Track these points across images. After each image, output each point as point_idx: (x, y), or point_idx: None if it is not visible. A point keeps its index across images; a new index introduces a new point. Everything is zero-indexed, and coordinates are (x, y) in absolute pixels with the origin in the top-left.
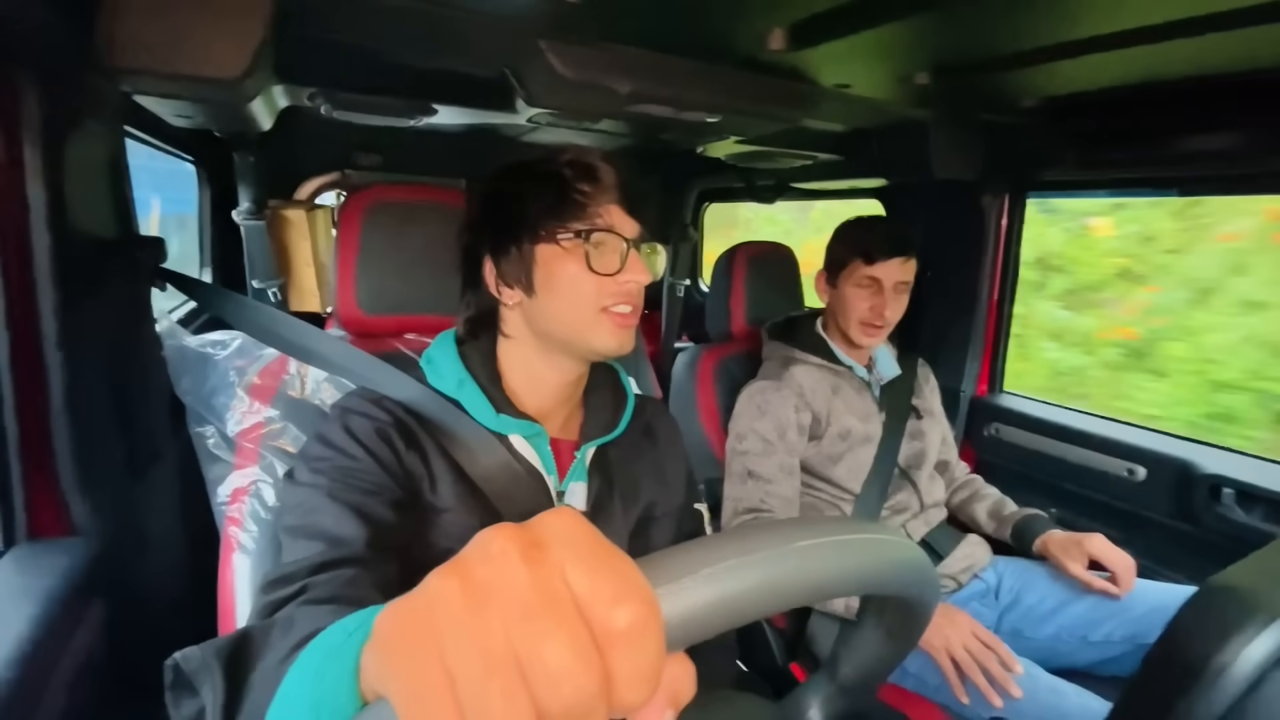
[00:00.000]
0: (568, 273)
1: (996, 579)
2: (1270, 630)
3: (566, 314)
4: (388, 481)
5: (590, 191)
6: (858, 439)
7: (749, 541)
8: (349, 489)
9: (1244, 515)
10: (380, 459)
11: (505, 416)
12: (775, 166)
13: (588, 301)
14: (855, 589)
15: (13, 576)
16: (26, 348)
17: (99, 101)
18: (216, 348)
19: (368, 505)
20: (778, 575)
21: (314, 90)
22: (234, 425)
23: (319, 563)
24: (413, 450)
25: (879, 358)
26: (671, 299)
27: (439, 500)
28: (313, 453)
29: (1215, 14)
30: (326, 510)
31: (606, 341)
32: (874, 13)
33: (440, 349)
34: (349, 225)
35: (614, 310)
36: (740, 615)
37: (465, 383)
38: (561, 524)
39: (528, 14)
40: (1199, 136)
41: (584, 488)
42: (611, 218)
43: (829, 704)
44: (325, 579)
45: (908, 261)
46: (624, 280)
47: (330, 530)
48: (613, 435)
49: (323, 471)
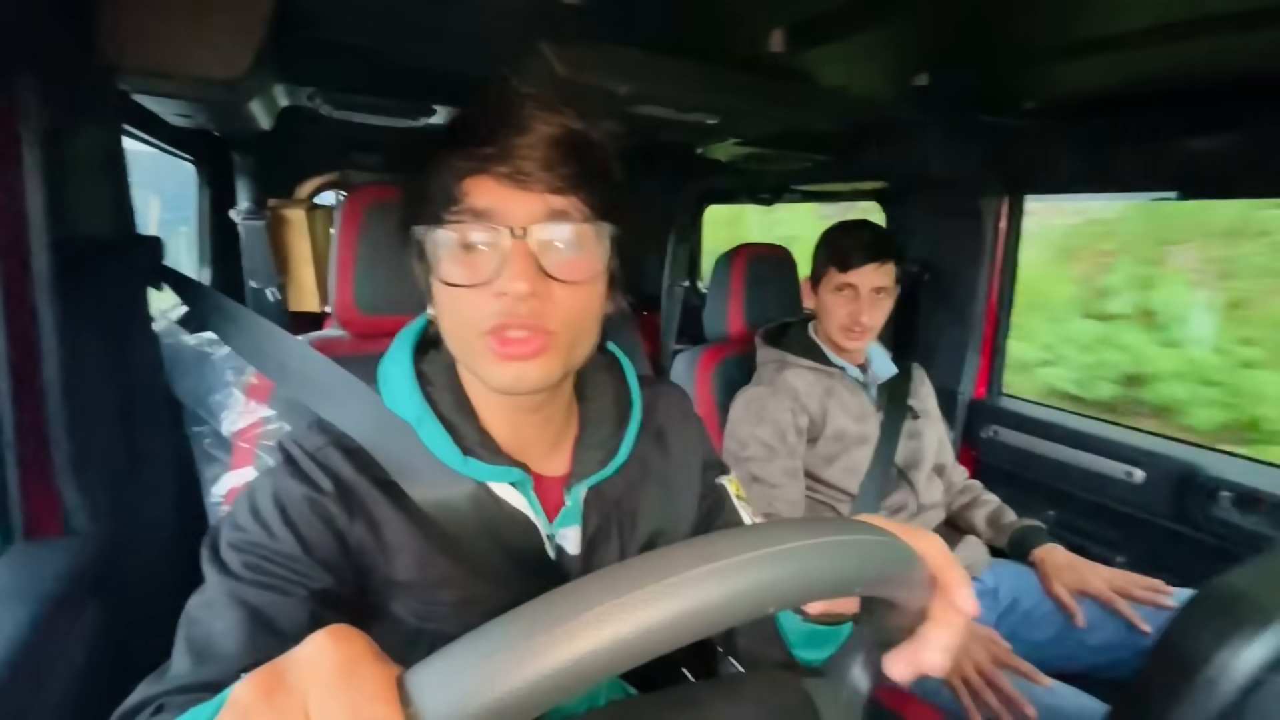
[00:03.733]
0: (436, 283)
1: (995, 581)
2: (1267, 634)
3: (452, 336)
4: (314, 571)
5: (459, 164)
6: (853, 440)
7: (518, 627)
8: (258, 584)
9: (1242, 519)
10: (308, 542)
11: (474, 461)
12: (775, 168)
13: (464, 321)
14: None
15: (8, 576)
16: (24, 347)
17: (98, 100)
18: (214, 347)
19: (274, 607)
20: (561, 657)
21: (314, 90)
22: (230, 425)
23: (181, 685)
24: (359, 521)
25: (874, 357)
26: (670, 300)
27: (397, 574)
28: (239, 519)
29: (1212, 17)
30: (221, 612)
31: (494, 375)
32: (873, 14)
33: (395, 363)
34: (348, 225)
35: (499, 334)
36: (522, 711)
37: (424, 419)
38: (311, 656)
39: (527, 15)
40: (1198, 138)
41: (578, 531)
42: (486, 197)
43: (873, 663)
44: (182, 702)
45: (883, 266)
46: (495, 292)
47: (209, 641)
48: (609, 471)
49: (238, 549)
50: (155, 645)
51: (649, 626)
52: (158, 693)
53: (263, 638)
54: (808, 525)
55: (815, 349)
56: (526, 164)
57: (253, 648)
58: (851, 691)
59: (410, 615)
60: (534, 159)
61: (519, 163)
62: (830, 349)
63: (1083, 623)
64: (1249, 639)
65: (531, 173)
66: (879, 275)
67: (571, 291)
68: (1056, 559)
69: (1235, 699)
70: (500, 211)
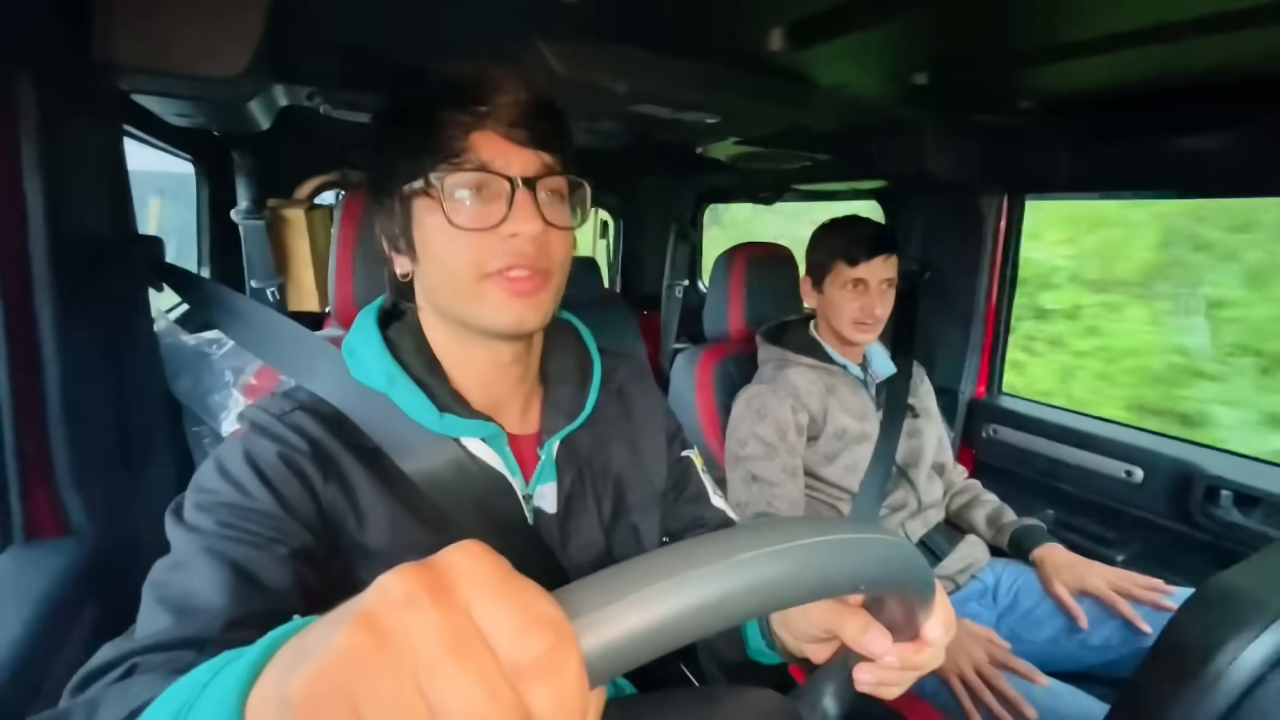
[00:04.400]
0: (437, 230)
1: (995, 580)
2: (1268, 632)
3: (447, 285)
4: (292, 528)
5: (459, 119)
6: (853, 437)
7: (680, 559)
8: (235, 540)
9: (1241, 517)
10: (284, 499)
11: (450, 416)
12: (774, 167)
13: (464, 265)
14: (809, 595)
15: (8, 577)
16: (23, 347)
17: (97, 99)
18: (213, 347)
19: (254, 563)
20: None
21: (313, 89)
22: (229, 424)
23: (158, 641)
24: (332, 482)
25: (873, 356)
26: (670, 299)
27: (368, 539)
28: (205, 482)
29: (1211, 16)
30: (196, 567)
31: (496, 317)
32: (872, 13)
33: (360, 334)
34: (347, 224)
35: (505, 275)
36: (673, 639)
37: (396, 379)
38: (465, 561)
39: (526, 14)
40: (1197, 137)
41: (554, 488)
42: (487, 150)
43: (844, 690)
44: (159, 660)
45: (890, 258)
46: (505, 234)
47: (189, 597)
48: (577, 423)
49: (208, 510)
50: None
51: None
52: (127, 651)
53: (248, 591)
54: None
55: (816, 347)
56: (520, 121)
57: (239, 600)
58: (821, 717)
59: None
60: (525, 116)
61: (514, 119)
62: (832, 346)
63: (1085, 624)
64: (1249, 637)
65: (524, 129)
66: (887, 267)
67: (562, 236)
68: (1057, 558)
69: (1236, 696)
70: (502, 164)
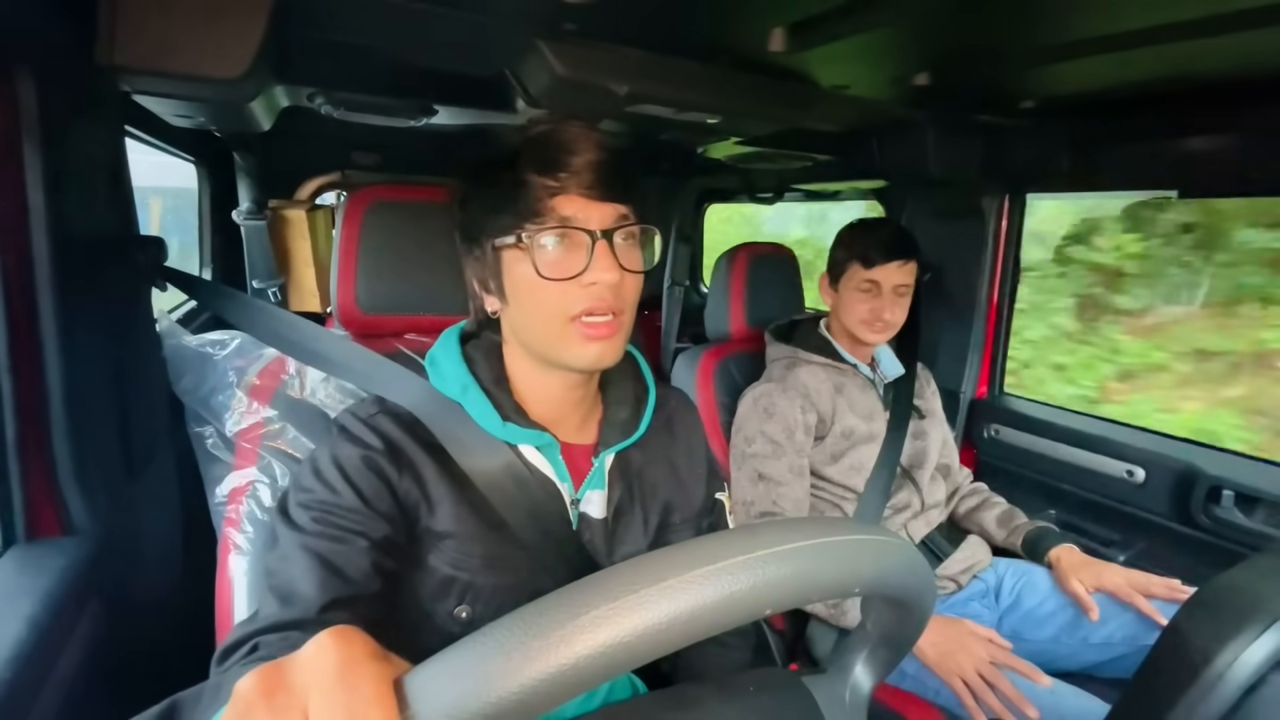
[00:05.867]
0: (525, 279)
1: (996, 580)
2: (1269, 633)
3: (534, 325)
4: (374, 522)
5: (545, 184)
6: (861, 437)
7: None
8: (325, 535)
9: (1243, 518)
10: (366, 496)
11: (512, 425)
12: (775, 167)
13: (552, 311)
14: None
15: (10, 576)
16: (25, 347)
17: (99, 101)
18: (216, 347)
19: (341, 555)
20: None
21: (314, 90)
22: (233, 425)
23: (272, 623)
24: (406, 475)
25: (881, 357)
26: (671, 300)
27: (438, 524)
28: (303, 482)
29: (1212, 17)
30: (296, 561)
31: (579, 356)
32: (873, 13)
33: (444, 349)
34: (349, 225)
35: (585, 319)
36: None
37: (469, 388)
38: (311, 661)
39: (527, 14)
40: (1197, 137)
41: (603, 496)
42: (569, 208)
43: (874, 656)
44: (275, 640)
45: (906, 264)
46: (586, 282)
47: (291, 586)
48: (633, 439)
49: (307, 507)
50: (156, 644)
51: (643, 630)
52: (251, 631)
53: (333, 581)
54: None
55: (827, 345)
56: (595, 181)
57: (326, 589)
58: (854, 689)
59: (445, 564)
60: (600, 176)
61: (591, 180)
62: (843, 345)
63: (1097, 616)
64: (1250, 637)
65: (600, 187)
66: (901, 273)
67: (635, 279)
68: (1074, 558)
69: (1237, 696)
70: (582, 219)
